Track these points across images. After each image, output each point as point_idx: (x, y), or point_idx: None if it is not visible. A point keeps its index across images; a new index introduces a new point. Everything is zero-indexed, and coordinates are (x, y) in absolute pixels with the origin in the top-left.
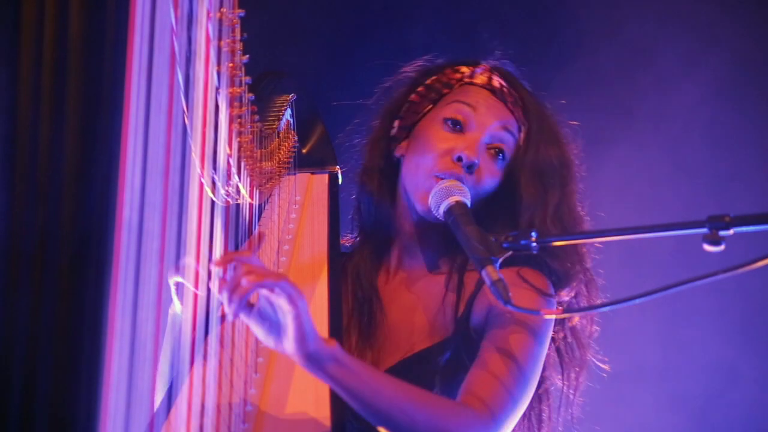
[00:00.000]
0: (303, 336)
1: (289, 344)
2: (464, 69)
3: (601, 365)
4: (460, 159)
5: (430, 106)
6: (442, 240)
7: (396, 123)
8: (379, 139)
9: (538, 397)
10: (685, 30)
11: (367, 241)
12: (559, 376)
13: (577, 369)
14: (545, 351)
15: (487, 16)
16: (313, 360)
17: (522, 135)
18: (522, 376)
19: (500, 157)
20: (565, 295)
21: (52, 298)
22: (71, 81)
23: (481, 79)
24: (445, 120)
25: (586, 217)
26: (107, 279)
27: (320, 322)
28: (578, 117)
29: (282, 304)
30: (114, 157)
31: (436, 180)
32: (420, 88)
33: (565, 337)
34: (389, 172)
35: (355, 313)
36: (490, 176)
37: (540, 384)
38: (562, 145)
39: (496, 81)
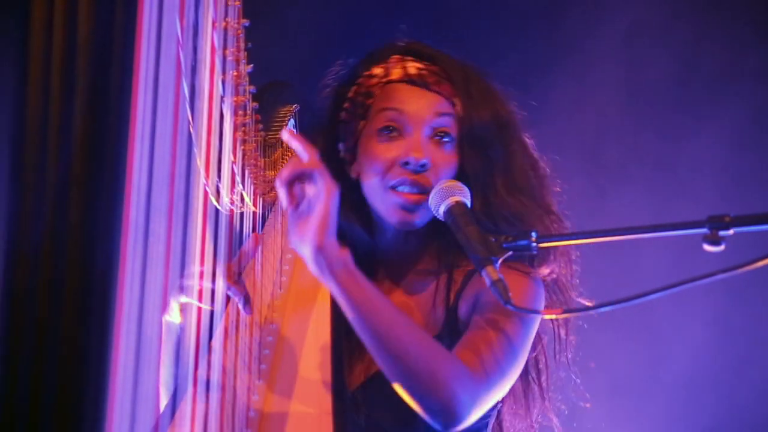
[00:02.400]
0: (324, 227)
1: (309, 233)
2: (377, 70)
3: (584, 302)
4: (407, 164)
5: (362, 123)
6: (424, 244)
7: (341, 146)
8: (326, 163)
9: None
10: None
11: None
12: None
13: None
14: (534, 328)
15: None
16: (324, 255)
17: (458, 107)
18: (511, 347)
19: (447, 140)
20: (545, 270)
21: (59, 300)
22: (79, 85)
23: (396, 73)
24: (379, 131)
25: (545, 172)
26: (114, 281)
27: (323, 333)
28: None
29: (317, 191)
30: (121, 161)
31: (394, 192)
32: (346, 105)
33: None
34: (350, 192)
35: (346, 324)
36: (445, 165)
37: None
38: (494, 103)
39: (412, 67)
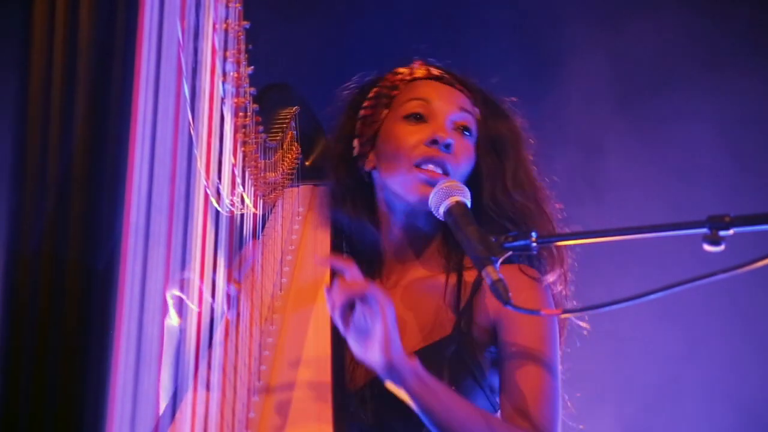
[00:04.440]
0: (389, 343)
1: (375, 351)
2: (402, 69)
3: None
4: (435, 141)
5: (385, 112)
6: (431, 242)
7: (355, 142)
8: (340, 162)
9: None
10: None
11: (356, 257)
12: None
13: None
14: (559, 346)
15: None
16: (396, 370)
17: (477, 111)
18: (553, 380)
19: (468, 134)
20: (551, 278)
21: (59, 300)
22: (80, 86)
23: (420, 72)
24: (405, 117)
25: (541, 182)
26: (114, 281)
27: (323, 334)
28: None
29: (373, 311)
30: (122, 162)
31: (418, 170)
32: (366, 102)
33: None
34: (361, 190)
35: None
36: (465, 154)
37: None
38: (508, 117)
39: (435, 69)
